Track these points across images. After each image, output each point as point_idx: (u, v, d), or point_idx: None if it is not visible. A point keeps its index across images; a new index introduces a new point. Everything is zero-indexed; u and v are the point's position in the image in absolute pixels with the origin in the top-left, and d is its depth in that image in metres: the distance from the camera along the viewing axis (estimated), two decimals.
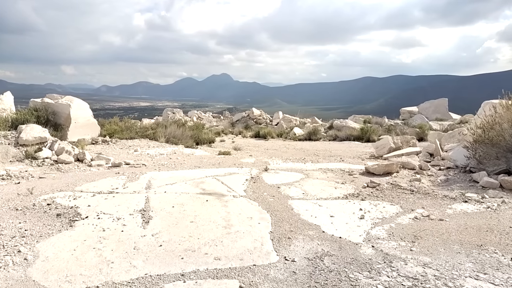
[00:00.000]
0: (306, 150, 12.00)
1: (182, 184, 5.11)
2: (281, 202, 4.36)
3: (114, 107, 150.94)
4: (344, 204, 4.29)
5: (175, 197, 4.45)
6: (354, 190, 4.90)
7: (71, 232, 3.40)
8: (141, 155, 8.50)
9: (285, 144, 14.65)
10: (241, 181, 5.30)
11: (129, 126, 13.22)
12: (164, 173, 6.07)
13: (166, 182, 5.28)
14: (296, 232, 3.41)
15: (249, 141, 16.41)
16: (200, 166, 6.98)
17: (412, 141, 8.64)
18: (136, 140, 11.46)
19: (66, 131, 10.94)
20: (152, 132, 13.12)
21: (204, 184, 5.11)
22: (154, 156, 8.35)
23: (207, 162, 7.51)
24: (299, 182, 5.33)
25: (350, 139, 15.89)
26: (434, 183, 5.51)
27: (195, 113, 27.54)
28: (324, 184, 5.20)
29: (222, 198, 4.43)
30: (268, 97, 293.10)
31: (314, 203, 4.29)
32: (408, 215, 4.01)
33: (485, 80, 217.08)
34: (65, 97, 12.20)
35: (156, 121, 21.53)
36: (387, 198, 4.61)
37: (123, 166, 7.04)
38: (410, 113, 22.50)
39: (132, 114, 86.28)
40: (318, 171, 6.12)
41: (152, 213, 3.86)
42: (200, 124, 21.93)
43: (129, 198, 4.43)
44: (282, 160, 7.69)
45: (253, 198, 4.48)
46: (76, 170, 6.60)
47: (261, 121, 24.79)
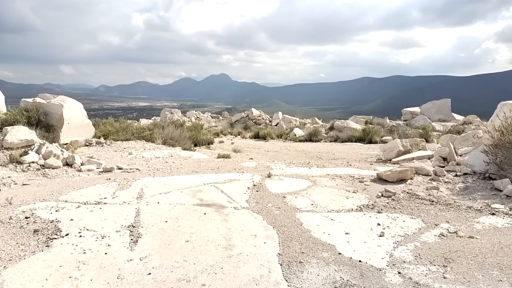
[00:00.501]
0: (308, 152, 11.54)
1: (178, 193, 4.62)
2: (288, 215, 3.88)
3: (113, 107, 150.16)
4: (359, 218, 3.82)
5: (169, 209, 3.96)
6: (368, 201, 4.42)
7: (46, 254, 2.91)
8: (135, 159, 8.01)
9: (286, 145, 14.18)
10: (242, 190, 4.82)
11: (125, 127, 12.73)
12: (158, 180, 5.59)
13: (160, 190, 4.80)
14: (309, 255, 2.94)
15: (249, 142, 15.93)
16: (197, 171, 6.50)
17: (422, 144, 8.18)
18: (131, 142, 10.97)
19: (59, 132, 10.45)
20: (149, 133, 12.63)
21: (202, 193, 4.62)
22: (149, 160, 7.86)
23: (206, 167, 7.03)
24: (306, 190, 4.85)
25: (351, 141, 15.45)
26: (453, 191, 5.04)
27: (194, 114, 27.03)
28: (334, 193, 4.72)
29: (222, 210, 3.94)
30: (267, 97, 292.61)
31: (325, 217, 3.82)
32: (432, 231, 3.55)
33: (484, 81, 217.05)
34: (57, 96, 11.69)
35: (154, 122, 21.04)
36: (406, 210, 4.14)
37: (115, 171, 6.56)
38: (412, 113, 22.07)
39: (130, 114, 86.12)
40: (325, 178, 5.64)
41: (142, 230, 3.37)
42: (199, 125, 21.45)
43: (117, 211, 3.94)
44: (285, 164, 7.22)
45: (257, 210, 4.00)
46: (64, 175, 6.11)
47: (261, 122, 24.31)
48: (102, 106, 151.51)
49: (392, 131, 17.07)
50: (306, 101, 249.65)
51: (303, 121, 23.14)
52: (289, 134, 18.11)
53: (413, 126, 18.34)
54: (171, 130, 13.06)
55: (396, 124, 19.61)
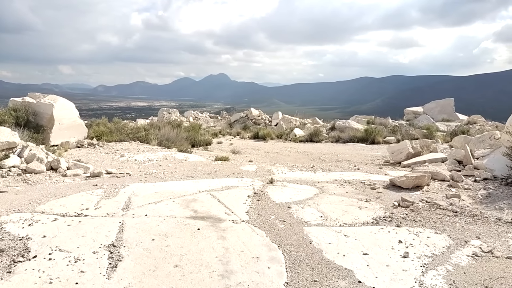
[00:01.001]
0: (310, 154, 11.04)
1: (169, 203, 4.10)
2: (295, 230, 3.37)
3: (111, 107, 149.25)
4: (377, 234, 3.31)
5: (157, 223, 3.45)
6: (384, 212, 3.91)
7: (4, 285, 2.40)
8: (127, 162, 7.50)
9: (286, 146, 13.67)
10: (242, 198, 4.31)
11: (119, 128, 12.20)
12: (149, 186, 5.07)
13: (149, 199, 4.28)
14: (323, 284, 2.43)
15: (248, 142, 15.40)
16: (193, 176, 5.99)
17: (433, 145, 7.68)
18: (125, 143, 10.45)
19: (49, 133, 9.94)
20: (144, 134, 12.12)
21: (197, 203, 4.10)
22: (142, 163, 7.35)
23: (202, 171, 6.52)
24: (313, 199, 4.34)
25: (353, 141, 14.97)
26: (475, 199, 4.54)
27: (192, 114, 26.49)
28: (345, 203, 4.21)
29: (219, 224, 3.43)
30: (266, 97, 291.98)
31: (337, 232, 3.31)
32: (463, 249, 3.05)
33: (482, 81, 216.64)
34: (48, 96, 11.17)
35: (150, 122, 20.52)
36: (428, 223, 3.63)
37: (103, 176, 6.04)
38: (414, 113, 21.59)
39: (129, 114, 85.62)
40: (333, 184, 5.13)
41: (124, 251, 2.86)
42: (197, 125, 20.93)
43: (98, 225, 3.43)
44: (287, 168, 6.71)
45: (259, 224, 3.49)
46: (46, 181, 5.59)
47: (260, 122, 23.81)
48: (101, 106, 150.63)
49: (395, 131, 16.58)
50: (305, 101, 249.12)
51: (303, 121, 22.64)
52: (289, 135, 17.60)
53: (416, 126, 17.84)
54: (168, 131, 12.55)
55: (398, 124, 19.13)
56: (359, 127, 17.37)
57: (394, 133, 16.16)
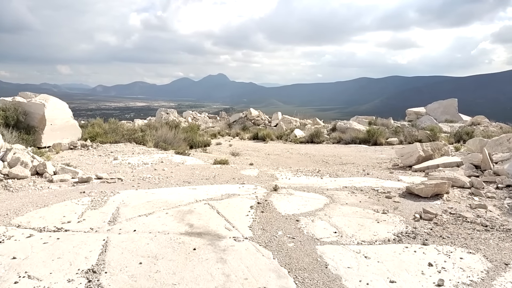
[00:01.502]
0: (313, 156, 10.59)
1: (162, 215, 3.63)
2: (307, 249, 2.90)
3: (110, 107, 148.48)
4: (402, 254, 2.85)
5: (147, 241, 2.98)
6: (405, 226, 3.45)
7: None
8: (120, 165, 7.03)
9: (287, 147, 13.22)
10: (244, 210, 3.84)
11: (115, 128, 11.72)
12: (141, 194, 4.60)
13: (140, 210, 3.81)
14: None
15: (248, 143, 14.94)
16: (190, 182, 5.52)
17: (445, 148, 7.24)
18: (120, 145, 9.99)
19: (40, 134, 9.47)
20: (140, 135, 11.65)
21: (193, 215, 3.63)
22: (136, 167, 6.88)
23: (200, 175, 6.06)
24: (324, 210, 3.87)
25: (355, 142, 14.55)
26: (502, 210, 4.09)
27: (190, 114, 26.00)
28: (360, 214, 3.75)
29: (218, 243, 2.96)
30: (265, 98, 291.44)
31: (356, 253, 2.84)
32: (505, 274, 2.59)
33: (480, 81, 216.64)
34: (39, 95, 10.69)
35: (147, 123, 20.05)
36: (458, 240, 3.17)
37: (93, 181, 5.57)
38: (417, 114, 21.17)
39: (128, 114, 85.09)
40: (343, 191, 4.67)
41: (104, 279, 2.39)
42: (195, 126, 20.49)
43: (79, 243, 2.96)
44: (291, 173, 6.25)
45: (264, 242, 3.02)
46: (29, 188, 5.11)
47: (259, 122, 23.38)
48: (99, 106, 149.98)
49: (397, 132, 16.17)
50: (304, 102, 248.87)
51: (304, 122, 22.20)
52: (289, 135, 17.16)
53: (419, 127, 17.40)
54: (165, 132, 12.08)
55: (401, 125, 18.72)
56: (361, 128, 16.95)
57: (397, 134, 15.75)
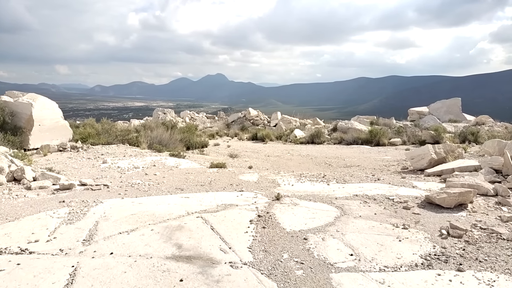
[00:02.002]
0: (314, 158, 10.09)
1: (146, 232, 3.10)
2: (319, 279, 2.38)
3: (108, 107, 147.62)
4: (435, 284, 2.32)
5: (125, 268, 2.44)
6: (432, 245, 2.92)
7: None
8: (109, 169, 6.50)
9: (287, 148, 12.72)
10: (242, 225, 3.31)
11: (108, 129, 11.16)
12: (127, 204, 4.08)
13: (121, 226, 3.28)
14: None
15: (246, 144, 14.42)
16: (183, 189, 5.01)
17: (458, 150, 6.73)
18: (113, 146, 9.46)
19: (28, 135, 8.96)
20: (134, 136, 11.11)
21: (183, 232, 3.10)
22: (126, 171, 6.36)
23: (194, 181, 5.54)
24: (336, 225, 3.34)
25: (357, 143, 14.08)
26: None
27: (188, 114, 25.43)
28: (377, 230, 3.22)
29: (211, 271, 2.42)
30: (263, 97, 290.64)
31: (380, 283, 2.32)
32: None
33: (479, 81, 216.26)
34: (26, 94, 10.14)
35: (143, 123, 19.50)
36: (498, 264, 2.66)
37: (75, 188, 5.04)
38: (419, 113, 20.68)
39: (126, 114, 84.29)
40: (355, 201, 4.15)
41: None
42: (193, 126, 19.97)
43: (42, 271, 2.43)
44: (294, 178, 5.73)
45: (267, 269, 2.50)
46: (3, 197, 4.58)
47: (258, 122, 22.88)
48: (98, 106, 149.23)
49: (400, 133, 15.69)
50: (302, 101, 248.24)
51: (303, 122, 21.70)
52: (289, 136, 16.68)
53: (422, 127, 16.90)
54: (160, 133, 11.54)
55: (403, 125, 18.24)
56: (362, 128, 16.48)
57: (399, 134, 15.28)
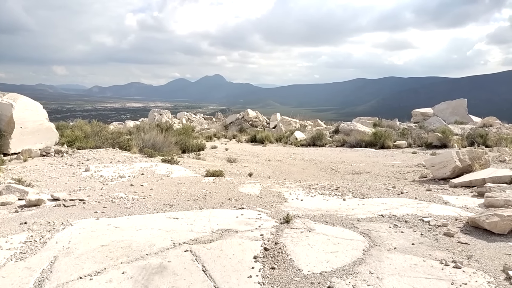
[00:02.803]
0: (319, 163, 9.34)
1: (115, 277, 2.28)
2: None
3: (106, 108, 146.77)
4: None
5: None
6: None
7: None
8: (90, 179, 5.73)
9: (288, 151, 11.96)
10: (245, 263, 2.50)
11: (98, 132, 10.37)
12: (100, 228, 3.28)
13: (85, 265, 2.47)
14: None
15: (245, 147, 13.66)
16: (172, 205, 4.23)
17: (485, 157, 5.98)
18: (101, 151, 8.70)
19: (8, 139, 8.23)
20: (126, 139, 10.34)
21: (164, 277, 2.28)
22: (109, 181, 5.59)
23: (186, 194, 4.77)
24: (367, 263, 2.53)
25: (361, 145, 13.40)
26: None
27: (185, 115, 24.64)
28: (422, 270, 2.44)
29: None
30: (261, 98, 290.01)
31: None
32: None
33: (476, 82, 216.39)
34: (7, 94, 9.35)
35: (136, 125, 18.69)
36: None
37: (45, 204, 4.25)
38: (423, 115, 19.99)
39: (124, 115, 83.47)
40: (382, 224, 3.35)
41: None
42: (189, 127, 19.17)
43: None
44: (302, 190, 4.96)
45: None
46: None
47: (257, 124, 22.15)
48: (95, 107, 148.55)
49: (405, 135, 15.02)
50: (300, 102, 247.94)
51: (304, 123, 20.95)
52: (289, 138, 15.96)
53: (427, 129, 16.18)
54: (154, 135, 10.76)
55: (407, 126, 17.53)
56: (366, 130, 15.78)
57: (404, 136, 14.62)
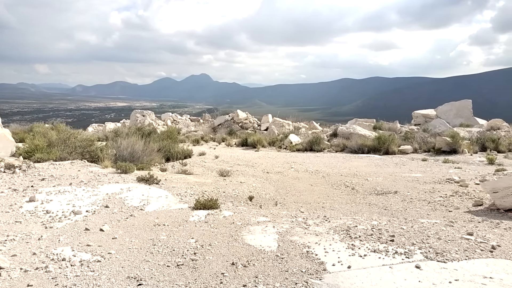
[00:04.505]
0: (327, 176, 7.97)
1: None
2: None
3: (90, 108, 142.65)
4: None
5: None
6: None
7: None
8: (31, 216, 4.21)
9: (286, 159, 10.53)
10: None
11: (65, 139, 8.68)
12: None
13: None
14: None
15: (236, 152, 12.16)
16: (142, 277, 2.71)
17: None
18: (65, 164, 7.09)
19: None
20: (98, 149, 8.71)
21: None
22: (56, 221, 4.06)
23: (166, 249, 3.28)
24: None
25: (363, 151, 12.10)
26: None
27: (170, 116, 22.89)
28: None
29: None
30: (248, 98, 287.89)
31: None
32: None
33: (459, 82, 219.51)
34: None
35: (117, 128, 16.96)
36: None
37: None
38: (425, 117, 18.87)
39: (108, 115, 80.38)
40: None
41: None
42: (175, 130, 17.46)
43: None
44: (339, 237, 3.50)
45: None
46: None
47: (248, 126, 20.66)
48: (79, 107, 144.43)
49: (408, 138, 13.78)
50: (287, 102, 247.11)
51: (297, 125, 19.48)
52: (283, 141, 14.53)
53: (431, 132, 14.97)
54: (133, 142, 9.13)
55: (409, 130, 16.35)
56: (366, 133, 14.50)
57: (408, 140, 13.35)
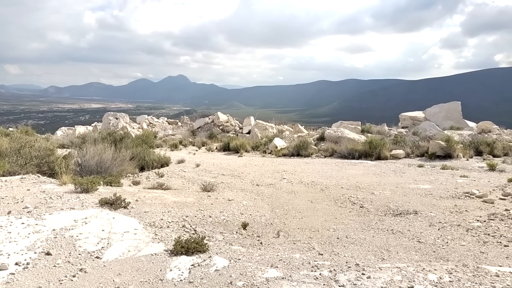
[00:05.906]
0: (326, 189, 7.08)
1: None
2: None
3: (63, 109, 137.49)
4: None
5: None
6: None
7: None
8: None
9: (275, 167, 9.56)
10: None
11: (19, 148, 7.39)
12: None
13: None
14: None
15: (219, 158, 11.08)
16: None
17: None
18: (14, 180, 5.85)
19: None
20: (60, 158, 7.46)
21: None
22: None
23: None
24: None
25: (353, 156, 11.35)
26: None
27: (146, 119, 21.44)
28: None
29: None
30: (226, 99, 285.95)
31: None
32: None
33: (431, 84, 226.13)
34: None
35: (85, 133, 15.47)
36: None
37: None
38: (413, 119, 18.41)
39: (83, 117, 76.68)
40: None
41: None
42: (151, 134, 16.19)
43: None
44: None
45: None
46: None
47: (229, 129, 19.60)
48: (52, 108, 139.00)
49: (398, 142, 13.15)
50: (265, 104, 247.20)
51: (281, 128, 18.57)
52: (267, 145, 13.56)
53: (421, 135, 14.43)
54: (101, 150, 7.92)
55: (398, 133, 15.79)
56: (355, 137, 13.79)
57: (398, 144, 12.71)
